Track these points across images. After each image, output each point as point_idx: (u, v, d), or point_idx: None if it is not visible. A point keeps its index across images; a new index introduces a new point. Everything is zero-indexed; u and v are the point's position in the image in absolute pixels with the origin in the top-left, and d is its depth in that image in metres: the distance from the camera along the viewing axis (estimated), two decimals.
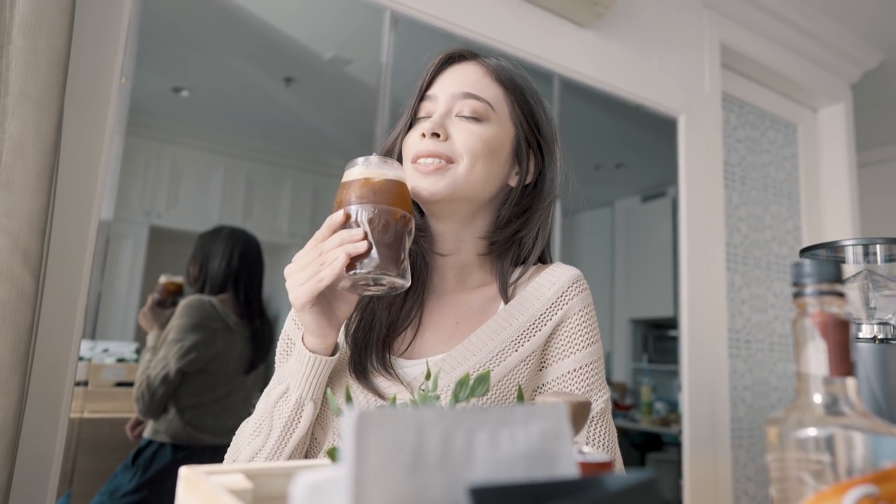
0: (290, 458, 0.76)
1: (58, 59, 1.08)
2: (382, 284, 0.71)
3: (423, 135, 0.79)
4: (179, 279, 1.55)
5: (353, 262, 0.68)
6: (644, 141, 2.54)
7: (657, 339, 3.12)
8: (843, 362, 0.44)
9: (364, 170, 0.72)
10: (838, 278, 0.46)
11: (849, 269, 1.03)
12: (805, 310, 0.46)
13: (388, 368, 0.80)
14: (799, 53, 2.86)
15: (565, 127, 2.13)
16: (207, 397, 1.54)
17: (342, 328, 0.84)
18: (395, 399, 0.57)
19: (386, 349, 0.82)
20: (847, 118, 3.07)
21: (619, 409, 2.85)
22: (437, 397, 0.58)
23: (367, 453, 0.27)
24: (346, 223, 0.70)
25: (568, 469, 0.35)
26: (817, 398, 0.44)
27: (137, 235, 1.58)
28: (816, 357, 0.45)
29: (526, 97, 0.86)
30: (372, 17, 1.76)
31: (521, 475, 0.33)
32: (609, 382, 2.87)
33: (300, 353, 0.75)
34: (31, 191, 1.02)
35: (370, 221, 0.69)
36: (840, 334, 0.45)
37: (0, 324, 0.98)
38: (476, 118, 0.81)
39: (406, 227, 0.72)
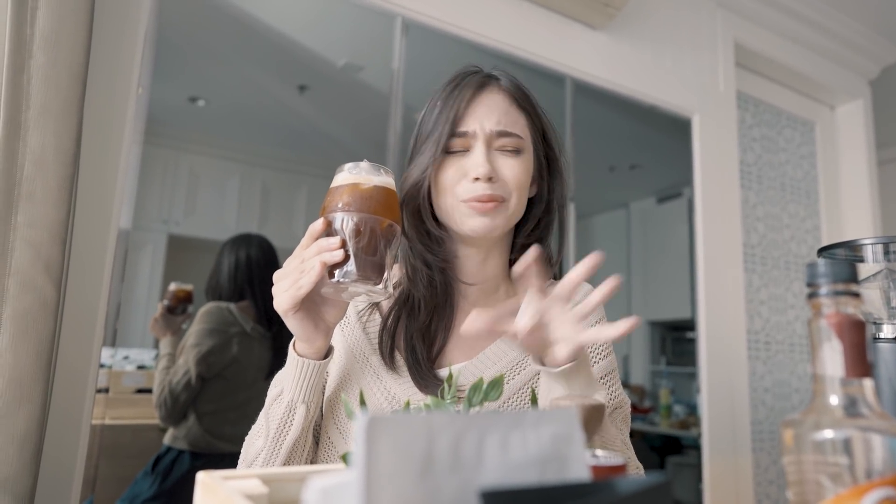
0: (288, 459, 0.78)
1: (77, 73, 1.10)
2: (364, 292, 0.71)
3: (476, 179, 0.80)
4: (189, 286, 1.56)
5: (333, 269, 0.68)
6: (658, 142, 2.53)
7: (675, 341, 3.09)
8: (859, 363, 0.44)
9: (351, 176, 0.71)
10: (854, 278, 0.45)
11: (868, 267, 1.01)
12: (820, 311, 0.45)
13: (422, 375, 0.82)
14: (815, 51, 2.83)
15: (578, 129, 2.12)
16: (226, 403, 1.55)
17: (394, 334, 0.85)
18: (408, 404, 0.57)
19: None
20: (866, 115, 3.02)
21: (637, 412, 2.82)
22: (457, 400, 0.59)
23: (378, 457, 0.28)
24: (328, 230, 0.70)
25: (580, 472, 0.35)
26: (834, 400, 0.44)
27: (156, 243, 1.60)
28: (832, 358, 0.44)
29: (538, 114, 0.89)
30: (383, 24, 1.77)
31: (533, 479, 0.33)
32: (627, 385, 2.84)
33: (291, 357, 0.77)
34: (52, 202, 1.04)
35: (354, 229, 0.68)
36: (856, 335, 0.44)
37: (23, 333, 1.00)
38: (516, 151, 0.84)
39: (392, 236, 0.71)
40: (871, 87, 3.10)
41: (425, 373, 0.80)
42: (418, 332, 0.84)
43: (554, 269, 0.92)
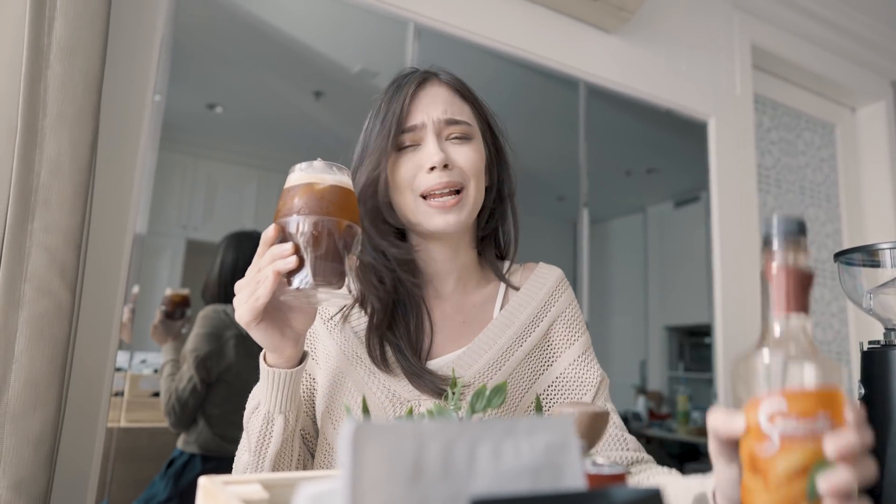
0: (274, 470, 0.76)
1: (93, 81, 1.12)
2: (326, 298, 0.67)
3: (432, 168, 0.81)
4: (185, 291, 1.55)
5: (291, 276, 0.65)
6: (675, 145, 2.50)
7: (693, 346, 3.05)
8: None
9: (305, 175, 0.67)
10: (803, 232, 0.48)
11: (886, 273, 0.99)
12: (772, 258, 0.47)
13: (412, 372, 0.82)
14: (834, 52, 2.78)
15: (593, 133, 2.11)
16: (232, 406, 1.55)
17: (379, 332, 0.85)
18: (411, 410, 0.57)
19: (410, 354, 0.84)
20: (888, 117, 2.96)
21: (655, 418, 2.79)
22: (460, 407, 0.59)
23: (364, 465, 0.28)
24: (282, 235, 0.66)
25: (574, 481, 0.34)
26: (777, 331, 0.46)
27: (175, 248, 1.62)
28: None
29: (481, 104, 0.91)
30: (396, 31, 1.78)
31: (526, 487, 0.33)
32: (644, 391, 2.82)
33: (262, 368, 0.75)
34: (68, 208, 1.06)
35: (309, 233, 0.64)
36: (799, 278, 0.46)
37: (38, 337, 1.01)
38: (466, 137, 0.85)
39: (351, 237, 0.67)
40: (894, 88, 3.04)
41: (418, 371, 0.80)
42: (398, 335, 0.83)
43: (509, 256, 0.95)
